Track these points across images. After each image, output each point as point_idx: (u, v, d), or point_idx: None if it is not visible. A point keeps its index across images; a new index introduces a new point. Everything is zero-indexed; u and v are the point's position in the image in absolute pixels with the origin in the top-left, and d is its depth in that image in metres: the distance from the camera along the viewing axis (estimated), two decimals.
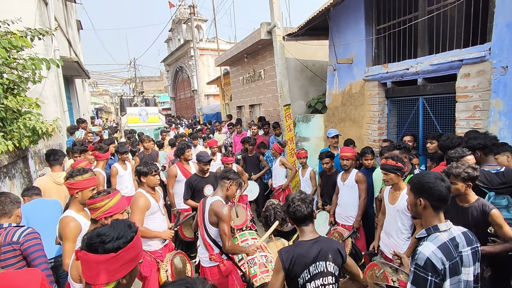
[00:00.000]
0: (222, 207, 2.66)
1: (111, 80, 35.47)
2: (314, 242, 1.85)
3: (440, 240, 1.49)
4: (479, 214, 2.17)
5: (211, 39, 19.29)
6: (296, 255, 1.79)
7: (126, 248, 1.18)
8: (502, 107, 3.15)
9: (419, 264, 1.45)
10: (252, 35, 7.60)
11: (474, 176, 2.21)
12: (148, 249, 3.02)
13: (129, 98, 22.07)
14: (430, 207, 1.57)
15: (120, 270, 1.17)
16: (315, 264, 1.79)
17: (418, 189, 1.59)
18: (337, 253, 1.86)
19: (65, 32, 8.10)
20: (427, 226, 1.58)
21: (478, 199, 2.25)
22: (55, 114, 5.58)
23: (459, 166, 2.25)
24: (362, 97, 5.20)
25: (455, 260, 1.47)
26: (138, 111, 13.54)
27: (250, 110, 10.08)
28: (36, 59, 3.42)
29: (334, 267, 1.83)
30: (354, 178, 3.66)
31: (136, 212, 2.90)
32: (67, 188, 2.44)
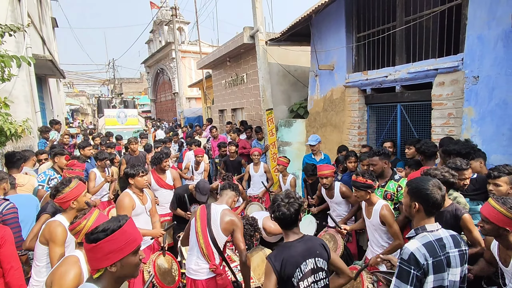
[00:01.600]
0: (235, 215, 2.62)
1: (88, 81, 34.26)
2: (299, 242, 1.88)
3: (426, 239, 1.59)
4: (452, 218, 2.25)
5: (193, 42, 19.12)
6: (286, 257, 1.80)
7: (105, 240, 1.29)
8: (474, 115, 3.30)
9: (403, 258, 1.57)
10: (235, 39, 7.60)
11: (450, 181, 2.29)
12: None
13: (107, 99, 21.40)
14: (423, 211, 1.67)
15: (104, 259, 1.30)
16: (305, 262, 1.82)
17: (415, 194, 1.68)
18: (322, 248, 1.91)
19: (39, 30, 7.75)
20: (416, 226, 1.69)
21: (452, 203, 2.33)
22: (26, 114, 5.28)
23: (437, 168, 2.35)
24: (342, 103, 5.30)
25: (439, 258, 1.56)
26: (117, 113, 13.17)
27: (233, 114, 10.03)
28: (6, 56, 3.21)
29: (323, 262, 1.88)
30: (340, 194, 3.61)
31: (121, 211, 2.93)
32: (60, 204, 2.36)
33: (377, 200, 2.78)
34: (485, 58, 3.21)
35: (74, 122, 19.74)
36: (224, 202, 2.74)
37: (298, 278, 1.79)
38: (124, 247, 1.33)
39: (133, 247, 1.36)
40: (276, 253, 1.86)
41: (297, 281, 1.78)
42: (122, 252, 1.33)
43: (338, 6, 5.06)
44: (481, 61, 3.25)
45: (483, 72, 3.23)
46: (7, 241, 2.17)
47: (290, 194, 1.93)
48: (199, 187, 3.72)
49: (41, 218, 2.59)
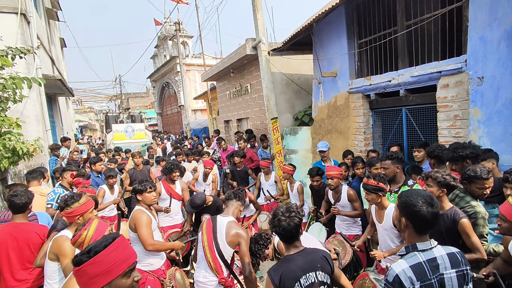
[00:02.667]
0: (240, 227, 2.61)
1: (96, 97, 34.98)
2: (300, 254, 1.84)
3: (415, 260, 1.47)
4: (450, 222, 2.19)
5: (197, 55, 19.45)
6: (285, 271, 1.77)
7: (88, 263, 1.20)
8: (481, 115, 3.27)
9: (388, 280, 1.47)
10: (238, 51, 7.71)
11: (451, 184, 2.25)
12: (151, 269, 2.98)
13: (115, 114, 21.82)
14: (412, 227, 1.55)
15: (90, 283, 1.20)
16: (306, 276, 1.77)
17: (403, 208, 1.57)
18: (325, 261, 1.85)
19: (48, 50, 8.00)
20: (407, 244, 1.58)
21: (452, 207, 2.27)
22: (36, 133, 5.42)
23: (439, 171, 2.32)
24: (347, 109, 5.31)
25: (428, 282, 1.43)
26: (124, 127, 13.39)
27: (238, 124, 10.10)
28: (17, 78, 3.34)
29: (325, 276, 1.82)
30: (347, 197, 3.59)
31: (143, 227, 2.86)
32: (65, 217, 2.43)
33: (388, 203, 2.76)
34: (488, 58, 3.20)
35: (83, 138, 20.09)
36: (230, 214, 2.73)
37: None
38: (111, 269, 1.21)
39: (123, 268, 1.24)
40: (276, 267, 1.83)
41: None
42: (109, 275, 1.21)
43: (339, 14, 5.12)
44: (485, 62, 3.24)
45: (488, 73, 3.21)
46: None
47: (291, 208, 1.90)
48: (191, 199, 3.73)
49: (51, 236, 2.60)
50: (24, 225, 2.63)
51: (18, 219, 2.64)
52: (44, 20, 8.31)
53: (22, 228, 2.60)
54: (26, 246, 2.57)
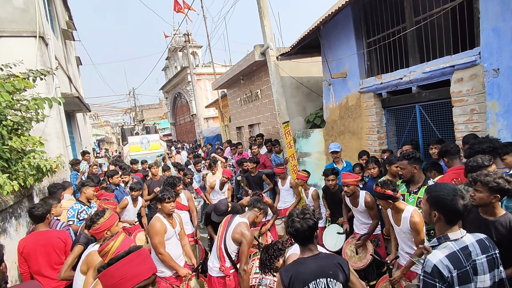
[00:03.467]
0: (247, 229, 2.85)
1: (111, 111, 36.01)
2: (313, 259, 1.82)
3: (449, 249, 1.52)
4: (505, 231, 1.93)
5: (207, 64, 19.73)
6: (295, 273, 1.77)
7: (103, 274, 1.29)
8: (499, 108, 3.18)
9: (426, 271, 1.50)
10: (247, 58, 7.80)
11: (505, 189, 1.96)
12: (163, 275, 3.05)
13: (130, 127, 22.37)
14: (443, 220, 1.59)
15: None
16: (316, 281, 1.74)
17: (434, 202, 1.61)
18: (339, 269, 1.81)
19: (65, 69, 8.34)
20: (439, 236, 1.61)
21: (506, 213, 2.00)
22: (58, 150, 5.64)
23: (489, 174, 2.04)
24: (359, 109, 5.26)
25: (464, 269, 1.48)
26: (140, 139, 13.69)
27: (250, 130, 10.16)
28: (39, 99, 3.51)
29: (337, 284, 1.77)
30: (364, 204, 3.53)
31: (155, 236, 2.99)
32: (94, 235, 2.59)
33: (404, 206, 2.70)
34: (503, 50, 3.12)
35: (100, 152, 20.69)
36: (246, 217, 2.99)
37: None
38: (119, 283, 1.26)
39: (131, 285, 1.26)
40: (288, 267, 1.85)
41: None
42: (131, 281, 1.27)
43: (346, 14, 5.12)
44: (500, 53, 3.15)
45: (503, 64, 3.13)
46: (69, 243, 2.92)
47: (306, 210, 1.89)
48: (215, 207, 3.76)
49: (74, 249, 2.72)
50: (47, 232, 2.96)
51: (41, 227, 2.96)
52: (61, 40, 8.69)
53: (45, 235, 2.93)
54: (52, 250, 2.90)
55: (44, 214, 2.94)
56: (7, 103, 3.18)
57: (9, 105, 3.28)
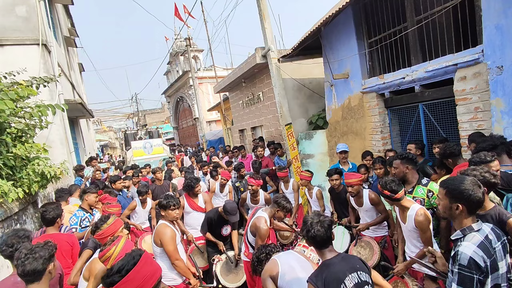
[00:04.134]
0: (262, 224, 3.05)
1: (114, 116, 36.19)
2: (337, 257, 1.84)
3: (478, 240, 1.53)
4: (495, 223, 1.99)
5: (209, 68, 19.82)
6: (327, 275, 1.75)
7: (121, 283, 1.22)
8: (503, 106, 3.15)
9: (463, 264, 1.48)
10: (248, 60, 7.81)
11: (491, 182, 2.08)
12: (174, 284, 3.03)
13: (133, 132, 22.47)
14: (466, 211, 1.61)
15: None
16: (349, 277, 1.75)
17: (456, 196, 1.61)
18: (362, 262, 1.89)
19: (68, 76, 8.40)
20: (461, 228, 1.63)
21: (495, 206, 2.11)
22: (62, 156, 5.67)
23: (476, 169, 2.15)
24: (361, 109, 5.24)
25: (493, 258, 1.51)
26: (143, 144, 13.76)
27: (253, 133, 10.15)
28: (42, 106, 3.53)
29: (366, 275, 1.82)
30: (369, 201, 3.51)
31: (170, 243, 2.94)
32: (98, 240, 2.59)
33: (410, 204, 2.68)
34: (506, 47, 3.09)
35: (103, 157, 20.77)
36: (267, 212, 3.21)
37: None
38: (142, 284, 1.25)
39: (153, 282, 1.28)
40: (317, 273, 1.80)
41: None
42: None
43: (346, 15, 5.11)
44: (503, 50, 3.13)
45: (507, 62, 3.10)
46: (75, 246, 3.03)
47: (319, 213, 1.97)
48: (227, 209, 3.75)
49: (83, 254, 2.73)
50: (56, 236, 3.02)
51: (50, 230, 3.06)
52: (63, 48, 8.77)
53: (54, 238, 2.90)
54: (60, 253, 2.88)
55: (55, 218, 3.02)
56: (11, 110, 3.20)
57: (13, 112, 3.30)
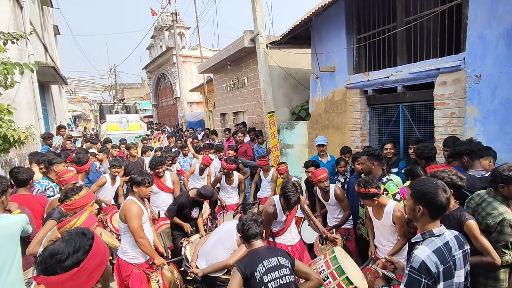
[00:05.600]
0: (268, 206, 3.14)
1: (90, 87, 34.48)
2: (262, 247, 2.12)
3: (435, 245, 1.53)
4: (455, 223, 2.16)
5: (194, 47, 19.23)
6: (249, 259, 2.03)
7: (88, 258, 1.13)
8: (477, 113, 3.28)
9: (414, 267, 1.49)
10: (236, 43, 7.63)
11: (458, 185, 2.19)
12: (137, 262, 2.93)
13: (109, 105, 21.56)
14: (428, 215, 1.59)
15: (89, 279, 1.14)
16: (269, 260, 1.99)
17: (419, 197, 1.60)
18: (286, 254, 2.11)
19: (41, 37, 7.82)
20: (422, 231, 1.62)
21: (459, 208, 2.24)
22: (28, 121, 5.32)
23: (445, 171, 2.27)
24: (344, 104, 5.30)
25: (448, 264, 1.51)
26: (119, 118, 13.22)
27: (234, 118, 10.05)
28: (9, 64, 3.25)
29: (286, 261, 2.03)
30: (334, 197, 3.61)
31: (134, 219, 2.83)
32: (65, 210, 2.46)
33: (387, 201, 2.77)
34: (487, 57, 3.20)
35: (76, 128, 19.82)
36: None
37: (261, 272, 1.93)
38: (103, 258, 1.20)
39: (109, 254, 1.26)
40: (243, 259, 2.07)
41: (260, 275, 1.92)
42: (103, 263, 1.19)
43: (338, 8, 5.08)
44: (483, 60, 3.24)
45: (485, 71, 3.22)
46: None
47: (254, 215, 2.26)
48: (204, 193, 3.71)
49: (46, 224, 2.58)
50: (27, 196, 3.11)
51: (22, 191, 3.12)
52: (38, 6, 8.12)
53: (26, 199, 3.05)
54: (32, 214, 2.90)
55: (28, 179, 3.08)
56: None
57: None
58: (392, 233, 2.78)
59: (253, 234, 2.15)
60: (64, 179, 3.34)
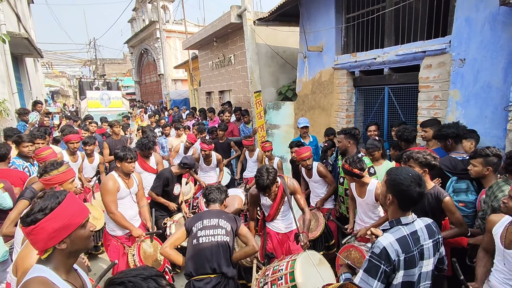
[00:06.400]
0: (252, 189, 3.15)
1: (68, 61, 32.82)
2: (212, 210, 2.47)
3: (400, 233, 1.53)
4: (434, 201, 2.31)
5: (179, 21, 18.44)
6: (195, 216, 2.42)
7: (46, 220, 1.22)
8: (460, 97, 3.36)
9: (375, 253, 1.50)
10: (222, 18, 7.37)
11: (431, 164, 2.33)
12: (114, 234, 3.05)
13: (89, 81, 20.70)
14: (397, 204, 1.59)
15: (50, 238, 1.23)
16: (209, 220, 2.33)
17: (392, 186, 1.59)
18: (232, 219, 2.39)
19: (13, 6, 7.26)
20: (391, 219, 1.63)
21: (435, 186, 2.38)
22: (2, 95, 5.04)
23: (420, 152, 2.39)
24: (331, 85, 5.29)
25: (411, 254, 1.51)
26: (100, 95, 12.74)
27: (220, 96, 9.89)
28: None
29: (227, 224, 2.33)
30: (317, 173, 3.68)
31: (106, 194, 2.92)
32: (44, 185, 2.46)
33: (369, 180, 2.86)
34: (472, 40, 3.23)
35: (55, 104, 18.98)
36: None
37: (198, 228, 2.30)
38: (69, 222, 1.27)
39: (80, 221, 1.30)
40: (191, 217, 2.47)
41: (196, 230, 2.30)
42: (68, 228, 1.27)
43: None
44: (468, 43, 3.27)
45: (470, 55, 3.26)
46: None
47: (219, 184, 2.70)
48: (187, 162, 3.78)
49: (18, 204, 2.51)
50: (6, 171, 3.10)
51: (1, 166, 3.11)
52: None
53: (6, 173, 3.05)
54: (10, 188, 2.90)
55: (6, 154, 3.09)
56: None
57: None
58: (374, 210, 2.91)
59: (212, 198, 2.55)
60: (42, 157, 3.25)
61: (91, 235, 1.39)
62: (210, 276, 2.20)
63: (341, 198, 3.66)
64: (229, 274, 2.26)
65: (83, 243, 1.34)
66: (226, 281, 2.25)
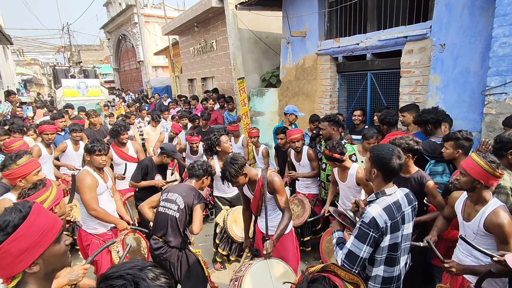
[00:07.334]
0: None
1: (40, 48, 31.07)
2: (184, 184, 2.76)
3: (385, 203, 1.72)
4: (417, 185, 2.40)
5: (157, 5, 17.72)
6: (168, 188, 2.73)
7: (9, 241, 0.98)
8: (439, 82, 3.43)
9: (364, 221, 1.68)
10: (203, 2, 7.13)
11: (414, 149, 2.40)
12: (95, 232, 2.86)
13: (64, 68, 19.71)
14: (381, 177, 1.77)
15: (17, 262, 1.00)
16: (172, 193, 2.61)
17: (375, 161, 1.76)
18: (193, 195, 2.59)
19: None
20: (376, 191, 1.80)
21: (418, 171, 2.46)
22: None
23: (403, 137, 2.46)
24: (314, 71, 5.28)
25: (395, 220, 1.71)
26: (76, 83, 12.18)
27: (203, 84, 9.70)
28: None
29: (181, 201, 2.56)
30: (307, 157, 3.70)
31: (86, 191, 2.70)
32: (7, 180, 2.29)
33: (350, 164, 2.92)
34: (451, 26, 3.28)
35: (28, 93, 18.04)
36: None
37: (163, 198, 2.65)
38: (39, 239, 1.03)
39: (53, 235, 1.06)
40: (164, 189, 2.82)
41: (161, 199, 2.66)
42: (40, 246, 1.04)
43: None
44: (448, 29, 3.31)
45: (449, 40, 3.31)
46: None
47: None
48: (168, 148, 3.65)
49: None
50: None
51: None
52: None
53: None
54: None
55: None
56: None
57: None
58: (355, 194, 2.99)
59: (189, 174, 2.77)
60: (12, 149, 3.06)
61: (68, 249, 1.17)
62: (159, 239, 2.61)
63: (323, 183, 3.72)
64: (172, 243, 2.58)
65: (60, 260, 1.11)
66: (169, 248, 2.59)
